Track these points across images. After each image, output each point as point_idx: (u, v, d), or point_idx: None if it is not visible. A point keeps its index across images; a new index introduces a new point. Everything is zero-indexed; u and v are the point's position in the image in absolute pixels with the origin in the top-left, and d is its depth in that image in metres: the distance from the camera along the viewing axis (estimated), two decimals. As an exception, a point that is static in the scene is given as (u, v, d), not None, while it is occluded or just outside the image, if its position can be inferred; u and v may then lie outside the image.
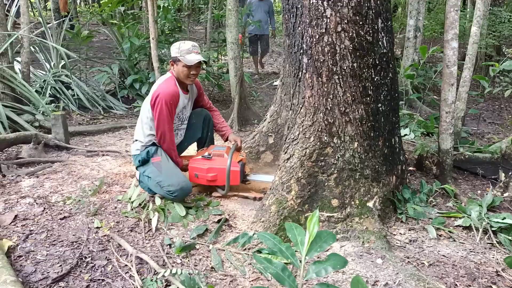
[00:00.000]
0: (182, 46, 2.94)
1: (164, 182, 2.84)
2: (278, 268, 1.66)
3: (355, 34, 2.64)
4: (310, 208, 2.73)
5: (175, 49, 2.95)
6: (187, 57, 2.92)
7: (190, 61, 2.93)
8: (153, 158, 2.98)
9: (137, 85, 5.23)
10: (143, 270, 2.28)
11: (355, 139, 2.80)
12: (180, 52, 2.93)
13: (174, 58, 2.96)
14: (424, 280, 2.28)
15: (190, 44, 2.97)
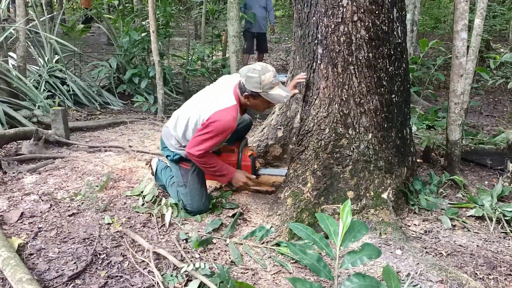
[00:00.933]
0: (264, 79, 2.37)
1: (186, 199, 2.69)
2: (313, 259, 1.62)
3: (371, 24, 2.61)
4: (326, 201, 2.70)
5: (255, 84, 2.38)
6: (272, 94, 2.42)
7: (277, 100, 2.47)
8: (183, 163, 2.73)
9: (136, 79, 5.12)
10: (161, 265, 2.22)
11: (369, 130, 2.78)
12: (262, 87, 2.39)
13: (253, 93, 2.43)
14: (446, 270, 2.27)
15: (271, 75, 2.40)
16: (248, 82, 2.41)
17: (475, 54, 3.99)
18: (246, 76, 2.41)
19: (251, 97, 2.48)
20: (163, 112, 4.79)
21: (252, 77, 2.39)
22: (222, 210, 2.77)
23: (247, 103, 2.53)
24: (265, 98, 2.46)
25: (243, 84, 2.45)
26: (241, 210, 2.76)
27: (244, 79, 2.43)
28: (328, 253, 1.64)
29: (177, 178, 2.75)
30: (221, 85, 2.69)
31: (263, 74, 2.40)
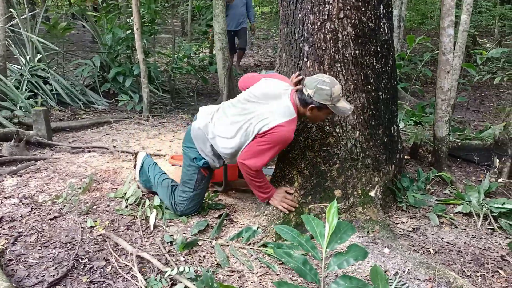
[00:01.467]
0: (334, 93, 2.30)
1: (185, 201, 2.61)
2: (299, 262, 1.58)
3: (358, 21, 2.58)
4: (314, 200, 2.67)
5: (326, 96, 2.30)
6: (339, 106, 2.35)
7: (343, 112, 2.38)
8: (203, 169, 2.61)
9: (121, 78, 5.02)
10: (145, 269, 2.17)
11: (356, 128, 2.75)
12: (332, 100, 2.31)
13: (320, 104, 2.34)
14: (434, 268, 2.25)
15: (339, 88, 2.35)
16: (318, 94, 2.32)
17: (461, 50, 3.99)
18: (316, 88, 2.32)
19: (316, 109, 2.38)
20: (148, 111, 4.71)
21: (323, 89, 2.31)
22: (209, 211, 2.73)
23: (308, 114, 2.43)
24: (330, 110, 2.38)
25: (309, 95, 2.34)
26: (227, 211, 2.72)
27: (313, 91, 2.33)
28: (314, 256, 1.61)
29: (188, 180, 2.63)
30: (272, 92, 2.49)
31: (333, 86, 2.32)
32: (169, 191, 2.66)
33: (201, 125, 2.57)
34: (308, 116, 2.46)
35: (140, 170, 2.88)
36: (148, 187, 2.88)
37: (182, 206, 2.63)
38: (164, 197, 2.68)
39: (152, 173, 2.79)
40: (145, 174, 2.85)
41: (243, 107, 2.50)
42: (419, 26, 10.35)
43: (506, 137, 3.42)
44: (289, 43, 2.84)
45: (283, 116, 2.37)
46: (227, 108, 2.58)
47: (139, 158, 2.92)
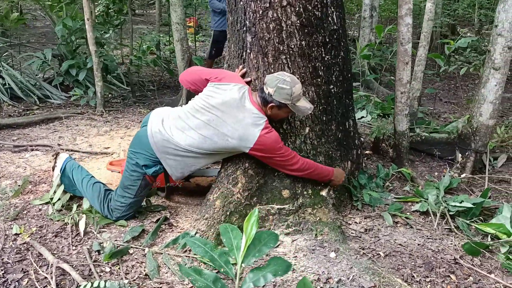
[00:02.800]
0: (294, 92, 2.25)
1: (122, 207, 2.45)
2: (208, 280, 1.41)
3: (302, 9, 2.40)
4: (259, 201, 2.51)
5: (286, 95, 2.24)
6: (299, 106, 2.30)
7: (303, 112, 2.35)
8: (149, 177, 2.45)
9: (74, 71, 4.76)
10: (65, 282, 1.98)
11: (306, 124, 2.59)
12: (292, 99, 2.26)
13: (280, 103, 2.28)
14: (380, 274, 2.12)
15: (300, 87, 2.30)
16: (279, 93, 2.26)
17: (427, 40, 3.84)
18: (277, 87, 2.26)
19: (276, 108, 2.33)
20: (102, 106, 4.47)
21: (284, 88, 2.25)
22: (147, 214, 2.54)
23: (268, 112, 2.37)
24: (290, 109, 2.33)
25: (269, 94, 2.28)
26: (167, 215, 2.54)
27: (273, 90, 2.27)
28: (227, 272, 1.45)
29: (130, 185, 2.45)
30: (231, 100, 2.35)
31: (294, 86, 2.27)
32: (102, 196, 2.46)
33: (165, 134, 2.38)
34: (268, 114, 2.38)
35: (62, 174, 2.67)
36: (71, 191, 2.67)
37: (119, 212, 2.45)
38: (95, 201, 2.48)
39: (78, 176, 2.58)
40: (68, 178, 2.64)
41: (206, 119, 2.35)
42: (395, 16, 10.19)
43: (469, 130, 3.29)
44: (233, 33, 2.65)
45: (256, 128, 2.32)
46: (185, 117, 2.40)
47: (60, 160, 2.70)
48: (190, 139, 2.35)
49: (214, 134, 2.34)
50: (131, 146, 2.50)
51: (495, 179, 3.29)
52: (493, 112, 3.11)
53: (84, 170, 2.63)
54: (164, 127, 2.40)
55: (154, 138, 2.37)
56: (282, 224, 2.48)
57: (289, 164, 2.41)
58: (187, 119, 2.39)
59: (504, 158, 3.56)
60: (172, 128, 2.39)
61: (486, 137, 3.21)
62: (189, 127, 2.37)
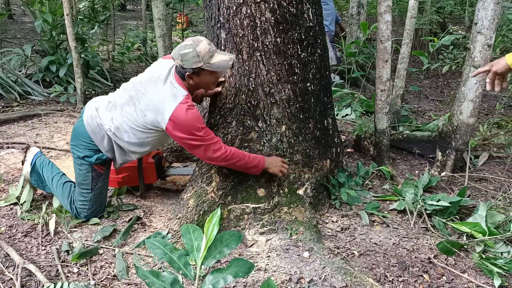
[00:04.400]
0: (200, 51, 2.09)
1: (86, 204, 2.40)
2: (166, 283, 1.38)
3: (277, 5, 2.36)
4: (234, 200, 2.48)
5: (194, 58, 2.10)
6: (214, 62, 2.14)
7: (223, 66, 2.18)
8: (98, 166, 2.39)
9: (54, 67, 4.69)
10: (31, 283, 1.94)
11: (282, 122, 2.56)
12: (202, 59, 2.10)
13: (194, 70, 2.14)
14: (352, 274, 2.10)
15: (206, 43, 2.13)
16: (185, 60, 2.11)
17: (410, 37, 3.82)
18: (181, 55, 2.11)
19: (195, 76, 2.17)
20: (83, 103, 4.41)
21: (187, 53, 2.10)
22: (119, 213, 2.51)
23: (192, 84, 2.21)
24: (209, 71, 2.16)
25: (180, 66, 2.14)
26: (140, 214, 2.51)
27: (179, 60, 2.13)
28: (186, 274, 1.42)
29: (83, 180, 2.39)
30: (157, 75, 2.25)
31: (197, 45, 2.10)
32: (71, 196, 2.42)
33: (97, 118, 2.32)
34: (194, 85, 2.24)
35: (31, 169, 2.61)
36: (41, 187, 2.62)
37: (85, 210, 2.41)
38: (65, 201, 2.44)
39: (48, 173, 2.53)
40: (38, 174, 2.58)
41: (130, 94, 2.27)
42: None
43: (450, 128, 3.28)
44: (209, 30, 2.61)
45: (174, 101, 2.15)
46: (117, 97, 2.34)
47: (30, 154, 2.63)
48: (114, 119, 2.27)
49: (134, 110, 2.23)
50: (71, 141, 2.43)
51: (476, 177, 3.29)
52: (474, 110, 3.10)
53: (54, 167, 2.57)
54: (98, 112, 2.33)
55: (90, 126, 2.31)
56: (257, 223, 2.46)
57: (210, 150, 2.19)
58: (117, 98, 2.32)
59: (485, 157, 3.55)
60: (101, 110, 2.32)
61: (467, 135, 3.20)
62: (115, 106, 2.30)
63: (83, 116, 2.36)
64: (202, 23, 12.93)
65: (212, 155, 2.21)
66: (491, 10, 2.79)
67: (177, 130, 2.14)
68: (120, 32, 7.50)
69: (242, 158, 2.30)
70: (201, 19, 13.73)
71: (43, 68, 4.78)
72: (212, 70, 2.17)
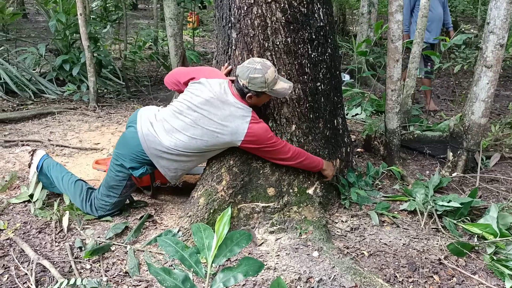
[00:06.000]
0: (268, 78, 2.20)
1: (107, 206, 2.45)
2: (178, 280, 1.40)
3: (288, 5, 2.37)
4: (244, 199, 2.49)
5: (260, 84, 2.20)
6: (277, 89, 2.26)
7: (281, 94, 2.30)
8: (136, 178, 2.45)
9: (67, 66, 4.76)
10: (45, 279, 1.98)
11: (292, 122, 2.57)
12: (267, 85, 2.22)
13: (258, 93, 2.26)
14: (361, 274, 2.10)
15: (273, 70, 2.24)
16: (253, 83, 2.22)
17: (421, 36, 3.79)
18: (249, 78, 2.21)
19: (255, 97, 2.30)
20: (95, 101, 4.47)
21: (256, 78, 2.21)
22: (131, 211, 2.54)
23: (249, 102, 2.34)
24: (269, 95, 2.31)
25: (244, 86, 2.25)
26: (151, 211, 2.54)
27: (246, 81, 2.23)
28: (197, 272, 1.44)
29: (116, 184, 2.43)
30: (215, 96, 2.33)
31: (266, 72, 2.21)
32: (84, 194, 2.46)
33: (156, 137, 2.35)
34: (249, 103, 2.35)
35: (39, 172, 2.64)
36: (50, 189, 2.65)
37: (104, 210, 2.46)
38: (76, 199, 2.47)
39: (57, 174, 2.56)
40: (46, 176, 2.62)
41: (192, 119, 2.32)
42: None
43: (461, 129, 3.26)
44: (220, 30, 2.63)
45: (244, 121, 2.30)
46: (170, 119, 2.37)
47: (36, 157, 2.68)
48: (178, 141, 2.33)
49: (204, 133, 2.31)
50: (117, 147, 2.47)
51: (487, 178, 3.26)
52: (485, 110, 3.07)
53: (62, 167, 2.61)
54: (155, 129, 2.36)
55: (146, 142, 2.34)
56: (266, 222, 2.47)
57: (281, 152, 2.39)
58: (173, 121, 2.35)
59: (497, 157, 3.52)
60: (159, 130, 2.35)
61: (478, 135, 3.18)
62: (175, 129, 2.34)
63: (138, 129, 2.38)
64: (213, 22, 12.98)
65: (284, 156, 2.41)
66: (504, 10, 2.76)
67: (252, 144, 2.33)
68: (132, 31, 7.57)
69: (308, 157, 2.50)
70: (211, 18, 13.78)
71: (57, 67, 4.85)
72: (275, 96, 2.32)
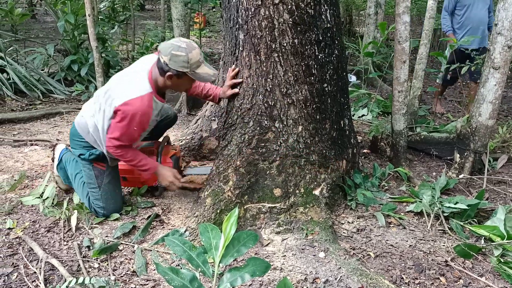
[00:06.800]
0: (191, 58, 2.16)
1: (97, 202, 2.46)
2: (185, 279, 1.41)
3: (295, 7, 2.38)
4: (250, 199, 2.50)
5: (182, 63, 2.15)
6: (199, 72, 2.22)
7: (203, 79, 2.26)
8: (97, 163, 2.47)
9: (76, 66, 4.80)
10: (54, 277, 2.01)
11: (299, 123, 2.57)
12: (190, 66, 2.18)
13: (179, 72, 2.20)
14: (367, 275, 2.10)
15: (198, 52, 2.20)
16: (174, 61, 2.16)
17: (428, 37, 3.79)
18: (171, 54, 2.15)
19: (175, 77, 2.22)
20: (103, 102, 4.50)
21: (179, 55, 2.14)
22: (138, 211, 2.56)
23: (169, 84, 2.27)
24: (190, 78, 2.24)
25: (165, 63, 2.18)
26: (159, 211, 2.55)
27: (168, 58, 2.16)
28: (204, 272, 1.45)
29: (89, 179, 2.48)
30: (136, 68, 2.36)
31: (190, 52, 2.16)
32: (86, 193, 2.49)
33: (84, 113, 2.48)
34: (169, 85, 2.30)
35: (58, 165, 2.69)
36: (67, 183, 2.70)
37: (100, 208, 2.47)
38: (84, 199, 2.50)
39: (72, 170, 2.59)
40: (64, 170, 2.66)
41: (107, 87, 2.38)
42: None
43: (468, 130, 3.25)
44: (227, 31, 2.64)
45: (131, 93, 2.21)
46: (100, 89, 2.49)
47: (57, 151, 2.72)
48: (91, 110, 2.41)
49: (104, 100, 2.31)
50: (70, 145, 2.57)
51: (494, 180, 3.25)
52: (493, 112, 3.06)
53: (78, 164, 2.64)
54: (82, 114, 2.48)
55: (78, 124, 2.46)
56: (273, 222, 2.48)
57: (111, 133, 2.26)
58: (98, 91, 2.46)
59: (504, 159, 3.50)
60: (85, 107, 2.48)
61: (486, 137, 3.16)
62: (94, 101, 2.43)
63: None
64: (219, 23, 13.01)
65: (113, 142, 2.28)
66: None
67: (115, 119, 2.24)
68: (140, 32, 7.61)
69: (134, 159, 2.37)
70: (218, 18, 13.82)
71: (65, 67, 4.90)
72: (194, 78, 2.26)
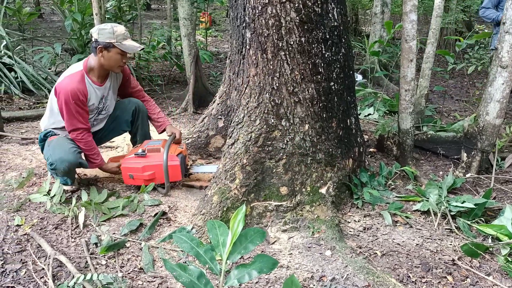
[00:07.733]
0: (117, 30, 2.50)
1: (49, 154, 2.58)
2: (193, 276, 1.42)
3: (302, 5, 2.38)
4: (257, 198, 2.51)
5: (108, 34, 2.48)
6: (125, 44, 2.53)
7: (130, 49, 2.56)
8: (50, 138, 2.69)
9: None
10: (62, 274, 2.02)
11: (305, 121, 2.57)
12: (116, 37, 2.49)
13: (106, 44, 2.48)
14: (374, 274, 2.10)
15: (123, 28, 2.55)
16: (101, 34, 2.48)
17: (435, 36, 3.77)
18: (99, 29, 2.49)
19: (105, 50, 2.51)
20: (110, 100, 4.52)
21: (105, 28, 2.49)
22: (145, 208, 2.57)
23: (102, 61, 2.54)
24: (119, 50, 2.51)
25: (95, 40, 2.49)
26: (165, 209, 2.56)
27: (96, 33, 2.49)
28: (212, 268, 1.45)
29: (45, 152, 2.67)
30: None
31: (115, 26, 2.52)
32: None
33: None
34: (102, 63, 2.55)
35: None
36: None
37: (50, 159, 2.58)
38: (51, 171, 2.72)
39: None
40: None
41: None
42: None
43: (475, 129, 3.23)
44: (234, 29, 2.65)
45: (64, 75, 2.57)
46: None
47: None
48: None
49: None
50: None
51: (502, 179, 3.23)
52: (500, 111, 3.04)
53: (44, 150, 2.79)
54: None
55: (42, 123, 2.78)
56: (279, 221, 2.49)
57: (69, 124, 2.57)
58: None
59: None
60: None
61: (493, 136, 3.14)
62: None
63: None
64: (225, 22, 13.03)
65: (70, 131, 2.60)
66: (521, 9, 2.73)
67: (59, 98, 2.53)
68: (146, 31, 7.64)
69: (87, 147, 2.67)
70: (223, 18, 13.83)
71: (72, 66, 4.92)
72: (122, 49, 2.51)
